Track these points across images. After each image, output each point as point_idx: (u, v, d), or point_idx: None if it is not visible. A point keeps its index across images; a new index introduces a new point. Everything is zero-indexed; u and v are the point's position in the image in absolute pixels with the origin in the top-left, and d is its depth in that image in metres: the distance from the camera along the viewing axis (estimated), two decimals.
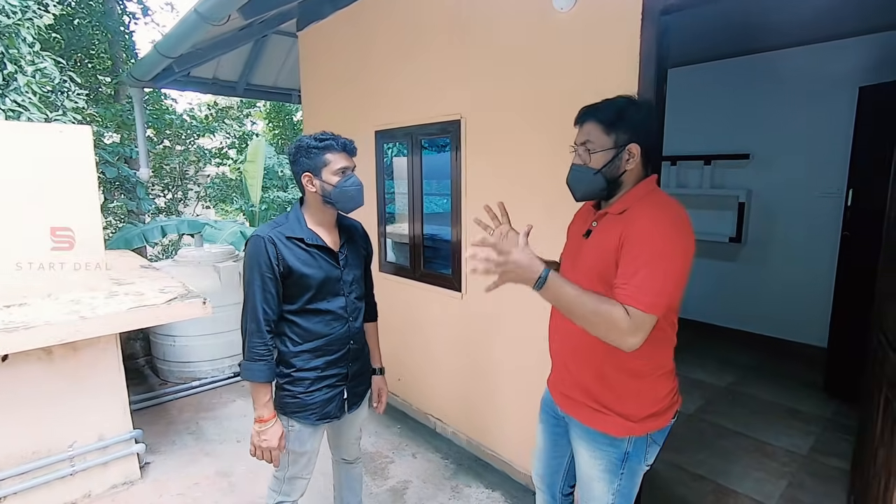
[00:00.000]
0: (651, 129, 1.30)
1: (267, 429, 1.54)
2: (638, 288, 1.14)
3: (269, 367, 1.55)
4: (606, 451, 1.35)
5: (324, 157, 1.54)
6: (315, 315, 1.60)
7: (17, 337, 1.95)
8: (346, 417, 1.78)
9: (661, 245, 1.17)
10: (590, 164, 1.30)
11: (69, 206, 2.41)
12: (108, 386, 2.50)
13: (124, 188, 7.39)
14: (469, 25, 2.51)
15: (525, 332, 2.40)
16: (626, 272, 1.18)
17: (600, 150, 1.28)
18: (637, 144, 1.26)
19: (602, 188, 1.31)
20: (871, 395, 1.97)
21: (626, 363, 1.29)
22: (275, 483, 1.74)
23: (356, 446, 1.95)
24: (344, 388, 1.70)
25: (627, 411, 1.32)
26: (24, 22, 4.31)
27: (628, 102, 1.28)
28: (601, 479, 1.37)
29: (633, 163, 1.28)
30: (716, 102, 4.48)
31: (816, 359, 3.84)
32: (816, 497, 2.43)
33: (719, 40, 3.94)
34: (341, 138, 1.58)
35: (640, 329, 1.14)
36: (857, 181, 3.31)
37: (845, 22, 3.49)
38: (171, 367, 3.88)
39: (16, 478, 2.24)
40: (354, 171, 1.61)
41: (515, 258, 1.18)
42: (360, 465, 2.01)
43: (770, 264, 4.36)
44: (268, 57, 4.97)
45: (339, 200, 1.57)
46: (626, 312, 1.14)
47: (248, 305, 1.53)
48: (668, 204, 1.26)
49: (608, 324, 1.14)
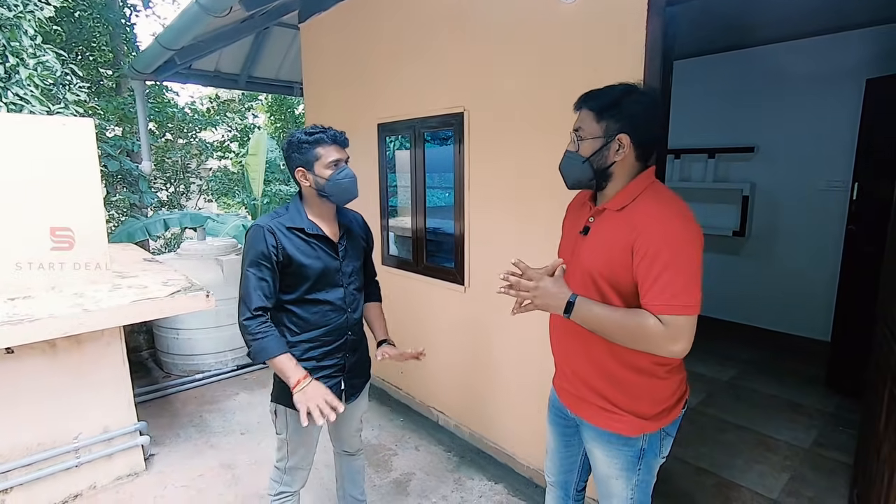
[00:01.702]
0: (649, 121, 1.25)
1: (305, 387, 1.48)
2: (664, 293, 1.12)
3: (278, 339, 1.52)
4: (622, 451, 1.33)
5: (315, 151, 1.53)
6: (313, 305, 1.60)
7: (22, 329, 1.96)
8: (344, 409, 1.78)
9: (678, 243, 1.14)
10: (580, 151, 1.28)
11: (70, 203, 2.39)
12: (113, 378, 2.51)
13: (127, 181, 7.39)
14: (473, 16, 2.48)
15: (528, 325, 2.39)
16: (647, 279, 1.14)
17: (589, 137, 1.26)
18: (627, 135, 1.22)
19: (590, 177, 1.29)
20: (876, 389, 1.96)
21: (633, 361, 1.26)
22: (276, 473, 1.76)
23: (357, 438, 1.95)
24: (341, 379, 1.71)
25: (640, 410, 1.30)
26: (25, 14, 4.29)
27: (626, 91, 1.24)
28: (619, 476, 1.36)
29: (623, 154, 1.23)
30: (720, 95, 4.44)
31: (819, 353, 3.83)
32: (818, 491, 2.43)
33: (724, 32, 3.91)
34: (331, 130, 1.56)
35: (682, 333, 1.12)
36: (862, 174, 3.28)
37: (852, 13, 3.45)
38: (175, 360, 3.90)
39: (22, 469, 2.26)
40: (348, 163, 1.60)
41: (545, 284, 1.23)
42: (361, 457, 2.02)
43: (774, 258, 4.35)
44: (269, 49, 4.95)
45: (333, 193, 1.56)
46: (658, 321, 1.12)
47: (243, 292, 1.52)
48: (672, 198, 1.23)
49: (643, 337, 1.13)
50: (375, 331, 1.86)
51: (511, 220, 2.43)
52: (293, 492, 1.77)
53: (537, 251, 1.36)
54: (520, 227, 2.38)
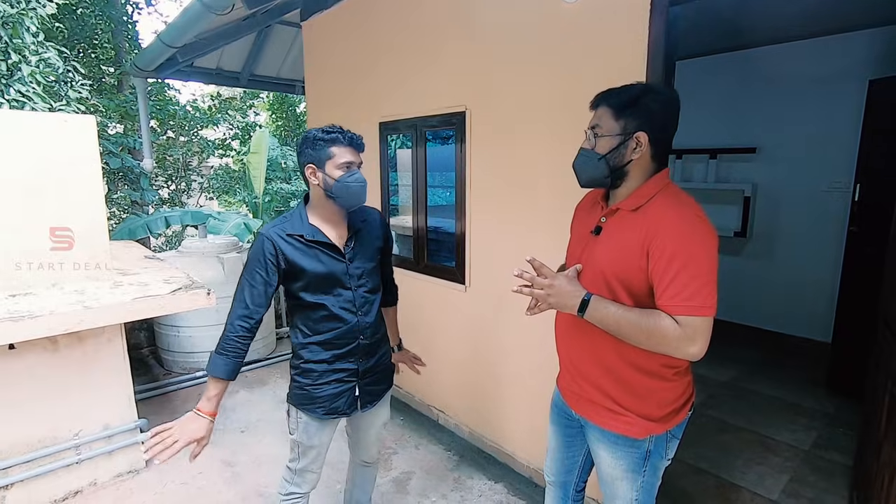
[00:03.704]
0: (667, 120, 1.24)
1: (196, 418, 1.49)
2: (681, 294, 1.11)
3: (229, 365, 1.50)
4: (628, 452, 1.33)
5: (329, 150, 1.51)
6: (321, 309, 1.59)
7: (23, 326, 1.96)
8: (361, 416, 1.75)
9: (694, 245, 1.13)
10: (596, 148, 1.27)
11: (70, 202, 2.37)
12: (113, 376, 2.52)
13: (128, 179, 7.39)
14: (475, 16, 2.48)
15: (528, 325, 2.39)
16: (663, 280, 1.14)
17: (607, 134, 1.25)
18: (645, 133, 1.21)
19: (605, 175, 1.27)
20: (876, 391, 1.96)
21: (641, 363, 1.26)
22: (287, 473, 1.75)
23: (375, 448, 1.90)
24: (355, 385, 1.66)
25: (647, 412, 1.29)
26: (27, 11, 4.28)
27: (645, 90, 1.24)
28: (624, 478, 1.36)
29: (640, 152, 1.23)
30: (722, 96, 4.43)
31: (820, 354, 3.83)
32: (818, 492, 2.43)
33: (726, 32, 3.90)
34: (349, 132, 1.54)
35: (698, 335, 1.12)
36: (865, 176, 3.28)
37: (855, 14, 3.44)
38: (176, 358, 3.90)
39: (23, 465, 2.27)
40: (360, 168, 1.57)
41: (559, 283, 1.23)
42: (376, 466, 1.99)
43: (775, 259, 4.34)
44: (271, 47, 4.96)
45: (340, 195, 1.53)
46: (674, 322, 1.11)
47: (235, 297, 1.54)
48: (688, 200, 1.23)
49: (659, 337, 1.13)
50: (390, 335, 1.88)
51: (512, 220, 2.43)
52: (303, 493, 1.75)
53: (539, 250, 1.36)
54: (521, 226, 2.38)
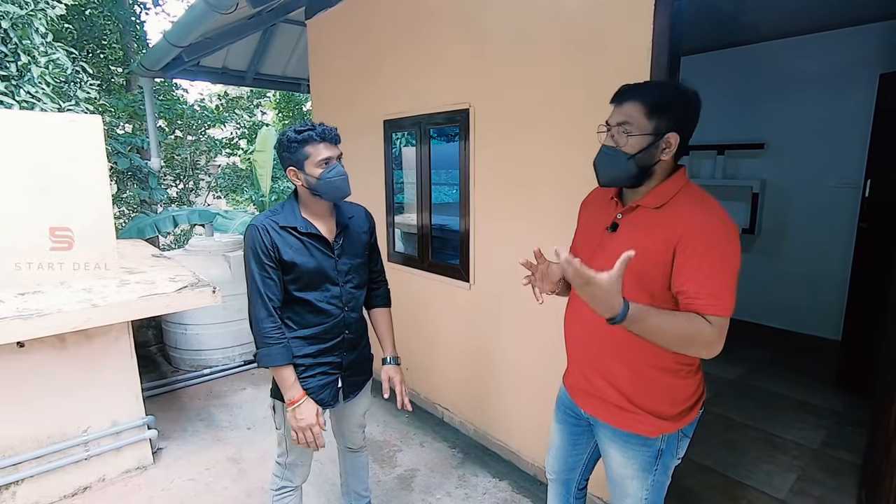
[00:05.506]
0: (693, 121, 1.22)
1: (299, 405, 1.54)
2: (714, 294, 1.11)
3: (286, 349, 1.55)
4: (640, 451, 1.32)
5: (304, 150, 1.51)
6: (308, 304, 1.60)
7: (32, 324, 1.98)
8: (343, 406, 1.80)
9: (723, 245, 1.13)
10: (624, 147, 1.19)
11: (75, 202, 2.38)
12: (121, 373, 2.54)
13: (136, 178, 7.46)
14: (478, 13, 2.47)
15: (533, 322, 2.39)
16: (695, 279, 1.13)
17: (638, 133, 1.18)
18: (677, 134, 1.17)
19: (632, 175, 1.21)
20: (887, 388, 1.94)
21: (658, 360, 1.24)
22: (277, 468, 1.78)
23: (359, 435, 1.96)
24: (338, 377, 1.71)
25: (661, 410, 1.28)
26: (36, 13, 4.33)
27: (675, 89, 1.21)
28: (635, 477, 1.35)
29: (669, 153, 1.19)
30: (730, 91, 4.39)
31: (829, 352, 3.79)
32: (826, 491, 2.41)
33: (733, 26, 3.86)
34: (320, 126, 1.53)
35: (723, 334, 1.13)
36: (875, 172, 3.23)
37: (865, 7, 3.39)
38: (183, 355, 3.94)
39: (32, 461, 2.30)
40: (340, 160, 1.57)
41: (601, 279, 1.04)
42: (364, 453, 2.02)
43: (784, 256, 4.30)
44: (276, 46, 4.97)
45: (325, 192, 1.55)
46: (709, 324, 1.11)
47: (251, 293, 1.54)
48: (710, 199, 1.21)
49: (697, 341, 1.12)
50: (382, 344, 1.85)
51: (517, 217, 2.42)
52: (294, 487, 1.78)
53: (543, 248, 1.34)
54: (526, 223, 2.37)
